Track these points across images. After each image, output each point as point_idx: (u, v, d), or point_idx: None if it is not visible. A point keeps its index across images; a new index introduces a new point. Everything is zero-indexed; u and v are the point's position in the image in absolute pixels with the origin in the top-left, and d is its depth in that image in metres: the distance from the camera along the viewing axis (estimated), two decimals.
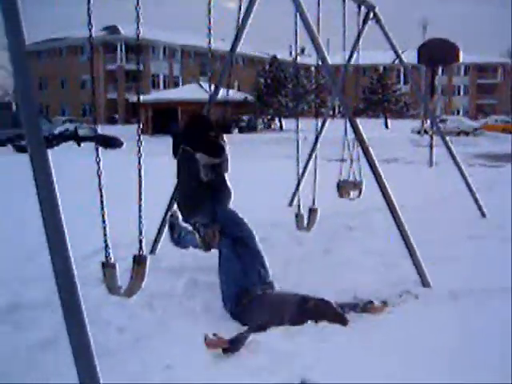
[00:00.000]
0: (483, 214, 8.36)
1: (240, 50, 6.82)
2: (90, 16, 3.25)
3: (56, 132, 27.96)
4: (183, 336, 3.95)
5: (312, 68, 50.77)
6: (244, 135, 39.07)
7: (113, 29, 58.11)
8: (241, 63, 61.88)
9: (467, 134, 37.34)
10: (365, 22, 7.69)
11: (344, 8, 6.97)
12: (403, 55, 8.41)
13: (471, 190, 8.60)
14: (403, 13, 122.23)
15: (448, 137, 9.27)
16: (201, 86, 40.96)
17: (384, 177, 5.12)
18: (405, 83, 59.20)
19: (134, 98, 44.58)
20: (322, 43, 5.28)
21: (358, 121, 5.48)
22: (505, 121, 43.76)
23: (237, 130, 42.32)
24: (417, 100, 39.15)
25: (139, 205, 3.73)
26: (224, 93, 6.53)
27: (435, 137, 15.64)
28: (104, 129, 31.18)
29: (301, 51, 60.13)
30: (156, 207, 5.03)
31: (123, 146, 26.03)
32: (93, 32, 3.33)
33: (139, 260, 3.65)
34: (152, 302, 4.50)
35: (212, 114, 5.80)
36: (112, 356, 3.48)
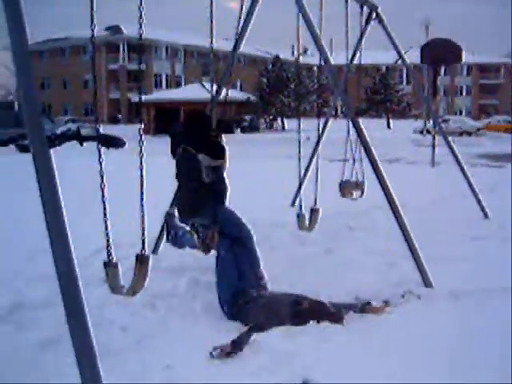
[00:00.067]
0: (486, 215, 8.34)
1: (242, 50, 6.82)
2: (93, 16, 3.25)
3: (58, 132, 27.95)
4: (185, 336, 3.96)
5: (314, 68, 50.73)
6: (246, 135, 39.06)
7: (115, 29, 58.12)
8: (243, 63, 61.83)
9: (470, 134, 37.30)
10: (367, 22, 7.68)
11: (346, 8, 6.97)
12: (406, 55, 8.40)
13: (474, 191, 8.59)
14: (405, 13, 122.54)
15: (450, 137, 9.25)
16: (203, 86, 40.92)
17: (386, 177, 5.12)
18: (407, 83, 59.12)
19: (137, 98, 43.93)
20: (325, 43, 5.28)
21: (361, 121, 5.48)
22: (507, 121, 43.69)
23: (239, 130, 42.30)
24: (419, 100, 39.22)
25: (141, 204, 3.74)
26: (226, 93, 6.51)
27: (437, 137, 15.61)
28: (106, 129, 31.07)
29: (303, 51, 60.19)
30: (158, 207, 5.02)
31: (125, 146, 26.01)
32: (95, 32, 3.32)
33: (142, 259, 3.65)
34: (154, 302, 4.51)
35: (214, 114, 5.80)
36: (114, 356, 3.48)
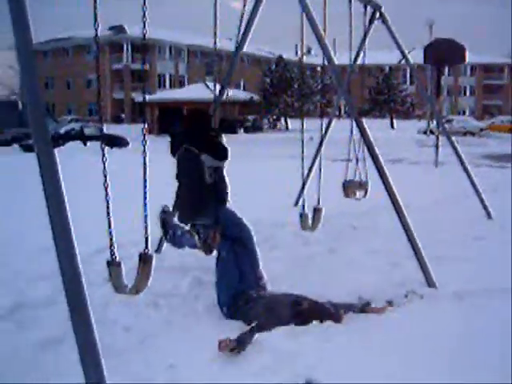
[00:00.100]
0: (489, 215, 8.32)
1: (246, 50, 6.82)
2: (96, 15, 3.25)
3: (62, 131, 27.94)
4: (188, 335, 3.96)
5: (318, 68, 50.66)
6: (250, 135, 39.00)
7: (119, 28, 58.12)
8: (246, 63, 61.80)
9: (473, 135, 37.19)
10: (371, 22, 7.68)
11: (350, 8, 6.96)
12: (409, 55, 8.38)
13: (477, 191, 8.57)
14: (409, 13, 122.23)
15: (454, 137, 9.23)
16: (207, 86, 40.88)
17: (389, 177, 5.12)
18: (411, 83, 58.97)
19: (140, 98, 44.56)
20: (328, 43, 5.27)
21: (364, 121, 5.48)
22: (511, 121, 43.54)
23: (242, 130, 42.25)
24: (423, 100, 39.09)
25: (144, 204, 3.75)
26: (230, 92, 6.52)
27: (441, 137, 15.59)
28: (110, 128, 31.19)
29: (307, 51, 60.10)
30: (161, 206, 5.02)
31: (129, 146, 26.03)
32: (99, 31, 3.32)
33: (145, 258, 3.65)
34: (157, 301, 4.51)
35: (218, 114, 5.79)
36: (118, 355, 3.49)
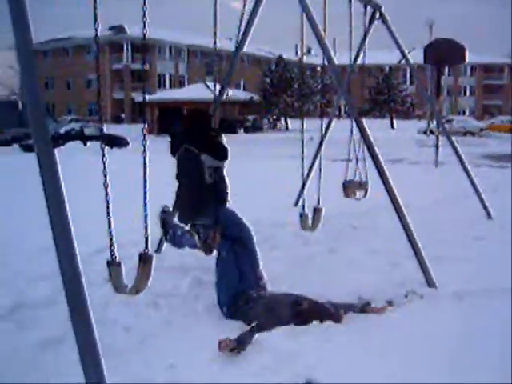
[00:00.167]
0: (489, 215, 8.33)
1: (246, 50, 6.82)
2: (96, 15, 3.25)
3: (62, 131, 27.94)
4: (188, 335, 3.96)
5: (318, 68, 50.64)
6: (249, 135, 38.99)
7: (119, 28, 58.11)
8: (246, 63, 61.79)
9: (473, 135, 37.19)
10: (371, 22, 7.68)
11: (350, 8, 6.96)
12: (409, 55, 8.39)
13: (477, 191, 8.57)
14: (409, 13, 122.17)
15: (454, 137, 9.23)
16: (207, 86, 40.88)
17: (389, 177, 5.11)
18: (411, 83, 58.96)
19: (140, 98, 44.55)
20: (328, 43, 5.27)
21: (364, 121, 5.48)
22: (511, 121, 43.53)
23: (242, 130, 42.24)
24: (423, 100, 39.08)
25: (144, 204, 3.75)
26: (230, 92, 6.52)
27: (441, 137, 15.59)
28: (110, 128, 31.19)
29: (307, 51, 60.09)
30: (161, 206, 5.02)
31: (129, 146, 26.03)
32: (99, 31, 3.32)
33: (145, 258, 3.65)
34: (157, 301, 4.51)
35: (218, 114, 5.78)
36: (118, 355, 3.49)
